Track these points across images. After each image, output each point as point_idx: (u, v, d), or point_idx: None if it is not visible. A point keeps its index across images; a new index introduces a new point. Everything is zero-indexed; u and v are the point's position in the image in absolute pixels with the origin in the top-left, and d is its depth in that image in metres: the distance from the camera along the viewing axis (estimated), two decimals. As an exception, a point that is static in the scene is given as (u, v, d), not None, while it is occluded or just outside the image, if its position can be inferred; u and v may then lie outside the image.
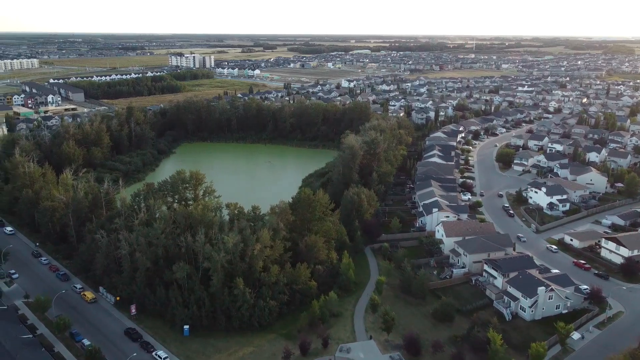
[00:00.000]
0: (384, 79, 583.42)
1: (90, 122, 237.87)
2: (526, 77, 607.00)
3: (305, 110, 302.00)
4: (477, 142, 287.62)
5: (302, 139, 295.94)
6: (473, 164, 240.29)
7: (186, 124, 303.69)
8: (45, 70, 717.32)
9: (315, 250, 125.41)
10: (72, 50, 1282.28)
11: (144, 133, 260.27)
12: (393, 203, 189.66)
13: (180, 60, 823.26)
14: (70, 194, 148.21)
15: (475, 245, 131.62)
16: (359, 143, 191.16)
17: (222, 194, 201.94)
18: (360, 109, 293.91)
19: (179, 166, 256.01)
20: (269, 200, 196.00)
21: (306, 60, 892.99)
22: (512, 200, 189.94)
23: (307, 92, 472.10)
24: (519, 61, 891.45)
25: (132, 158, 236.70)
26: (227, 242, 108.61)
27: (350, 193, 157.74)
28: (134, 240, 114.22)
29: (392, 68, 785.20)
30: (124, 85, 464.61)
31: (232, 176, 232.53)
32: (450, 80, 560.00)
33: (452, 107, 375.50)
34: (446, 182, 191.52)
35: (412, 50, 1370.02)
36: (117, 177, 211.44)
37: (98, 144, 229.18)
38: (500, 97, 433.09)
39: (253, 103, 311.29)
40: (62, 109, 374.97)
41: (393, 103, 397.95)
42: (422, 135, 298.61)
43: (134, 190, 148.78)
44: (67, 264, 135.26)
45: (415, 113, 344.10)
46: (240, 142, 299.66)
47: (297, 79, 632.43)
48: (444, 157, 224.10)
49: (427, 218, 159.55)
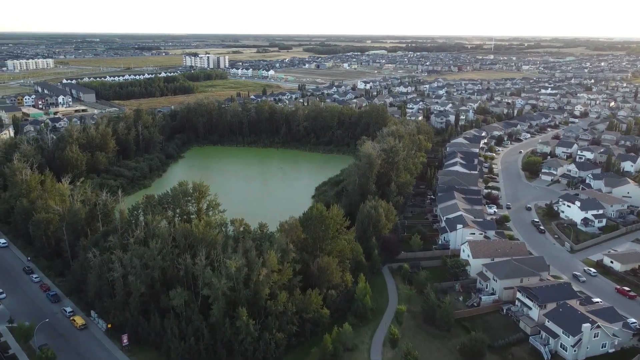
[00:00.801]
0: (401, 80, 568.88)
1: (96, 126, 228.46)
2: (548, 79, 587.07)
3: (320, 113, 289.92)
4: (501, 148, 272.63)
5: (316, 143, 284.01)
6: (497, 173, 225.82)
7: (196, 127, 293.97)
8: (60, 70, 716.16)
9: (328, 273, 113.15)
10: (89, 50, 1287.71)
11: (151, 137, 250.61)
12: (412, 215, 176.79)
13: (195, 60, 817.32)
14: (67, 204, 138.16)
15: (506, 270, 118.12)
16: (377, 151, 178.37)
17: (232, 202, 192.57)
18: (377, 113, 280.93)
19: (187, 172, 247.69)
20: (280, 210, 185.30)
21: (321, 61, 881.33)
22: (542, 214, 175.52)
23: (322, 93, 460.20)
24: (540, 62, 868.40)
25: (139, 163, 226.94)
26: (229, 266, 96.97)
27: (367, 207, 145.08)
28: (127, 261, 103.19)
29: (409, 69, 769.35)
30: (135, 86, 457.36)
31: (243, 183, 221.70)
32: (470, 81, 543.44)
33: (472, 110, 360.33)
34: (470, 193, 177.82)
35: (430, 50, 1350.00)
36: (121, 184, 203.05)
37: (103, 149, 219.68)
38: (523, 100, 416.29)
39: (265, 106, 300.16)
40: (72, 110, 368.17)
41: (411, 106, 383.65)
42: (441, 141, 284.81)
43: (134, 202, 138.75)
44: (60, 283, 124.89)
45: (435, 117, 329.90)
46: (251, 146, 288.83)
47: (312, 79, 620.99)
48: (467, 165, 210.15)
49: (450, 235, 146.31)
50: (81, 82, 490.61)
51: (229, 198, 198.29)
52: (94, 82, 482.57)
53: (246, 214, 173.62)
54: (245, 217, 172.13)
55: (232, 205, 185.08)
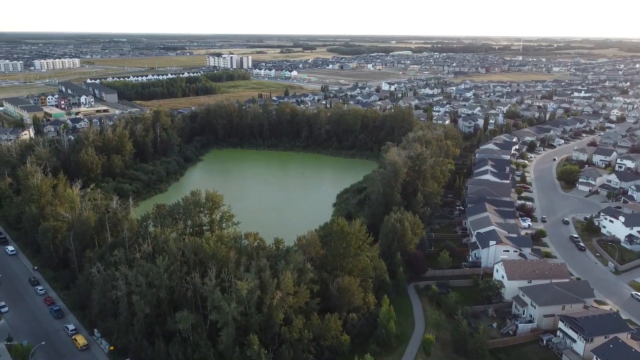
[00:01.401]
0: (427, 82, 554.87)
1: (113, 128, 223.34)
2: (581, 82, 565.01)
3: (343, 116, 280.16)
4: (533, 155, 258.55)
5: (338, 147, 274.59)
6: (530, 182, 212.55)
7: (216, 129, 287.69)
8: (85, 70, 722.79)
9: (349, 294, 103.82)
10: (115, 50, 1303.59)
11: (170, 139, 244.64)
12: (440, 228, 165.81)
13: (218, 60, 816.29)
14: (77, 212, 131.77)
15: (546, 295, 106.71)
16: (402, 158, 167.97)
17: (249, 210, 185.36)
18: (403, 116, 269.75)
19: (205, 175, 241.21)
20: (299, 220, 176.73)
21: (345, 62, 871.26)
22: (581, 229, 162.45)
23: (345, 95, 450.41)
24: (571, 64, 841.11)
25: (156, 167, 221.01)
26: (240, 289, 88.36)
27: (392, 219, 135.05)
28: (132, 279, 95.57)
29: (435, 70, 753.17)
30: (157, 86, 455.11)
31: (261, 188, 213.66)
32: (498, 83, 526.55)
33: (502, 114, 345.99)
34: (502, 205, 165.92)
35: (456, 51, 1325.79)
36: (136, 188, 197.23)
37: (120, 151, 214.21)
38: (555, 103, 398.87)
39: (287, 108, 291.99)
40: (94, 111, 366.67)
41: (437, 108, 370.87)
42: (470, 146, 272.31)
43: (146, 209, 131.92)
44: (65, 296, 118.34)
45: (462, 120, 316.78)
46: (272, 149, 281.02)
47: (336, 80, 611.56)
48: (498, 174, 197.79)
49: (482, 252, 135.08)
50: (104, 82, 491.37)
51: (246, 205, 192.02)
52: (116, 82, 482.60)
53: (263, 225, 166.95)
54: (262, 227, 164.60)
55: (249, 214, 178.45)
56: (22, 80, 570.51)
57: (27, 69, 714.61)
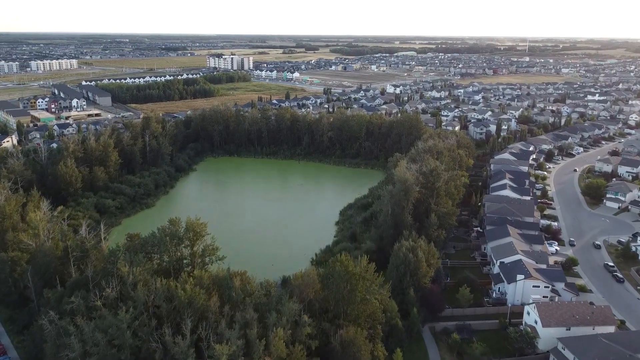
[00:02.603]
0: (433, 84, 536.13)
1: (97, 136, 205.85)
2: (593, 84, 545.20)
3: (346, 122, 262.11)
4: (551, 165, 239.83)
5: (341, 155, 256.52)
6: (552, 197, 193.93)
7: (212, 136, 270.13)
8: (82, 71, 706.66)
9: (354, 349, 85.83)
10: (116, 50, 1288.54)
11: (160, 148, 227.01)
12: (456, 252, 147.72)
13: (218, 61, 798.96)
14: (40, 240, 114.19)
15: (594, 351, 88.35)
16: (413, 173, 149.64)
17: (241, 229, 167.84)
18: (410, 122, 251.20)
19: (197, 188, 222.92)
20: (296, 242, 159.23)
21: (348, 62, 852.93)
22: (615, 254, 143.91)
23: (349, 98, 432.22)
24: (580, 65, 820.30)
25: (143, 178, 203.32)
26: (219, 355, 70.41)
27: (403, 249, 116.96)
28: (89, 335, 77.81)
29: (440, 72, 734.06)
30: (153, 89, 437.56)
31: (257, 202, 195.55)
32: (508, 86, 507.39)
33: (514, 119, 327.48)
34: (526, 227, 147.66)
35: (460, 52, 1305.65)
36: (120, 203, 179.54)
37: (104, 162, 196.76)
38: (569, 107, 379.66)
39: (287, 113, 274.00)
40: (85, 115, 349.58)
41: (445, 113, 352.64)
42: (482, 155, 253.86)
43: (117, 243, 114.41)
44: (20, 343, 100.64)
45: (473, 126, 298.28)
46: (271, 157, 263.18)
47: (339, 82, 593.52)
48: (518, 189, 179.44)
49: (508, 287, 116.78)
50: (99, 84, 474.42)
51: (239, 223, 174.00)
52: (111, 84, 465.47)
53: (256, 251, 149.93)
54: (254, 254, 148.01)
55: (241, 235, 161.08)
56: (16, 82, 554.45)
57: (23, 70, 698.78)
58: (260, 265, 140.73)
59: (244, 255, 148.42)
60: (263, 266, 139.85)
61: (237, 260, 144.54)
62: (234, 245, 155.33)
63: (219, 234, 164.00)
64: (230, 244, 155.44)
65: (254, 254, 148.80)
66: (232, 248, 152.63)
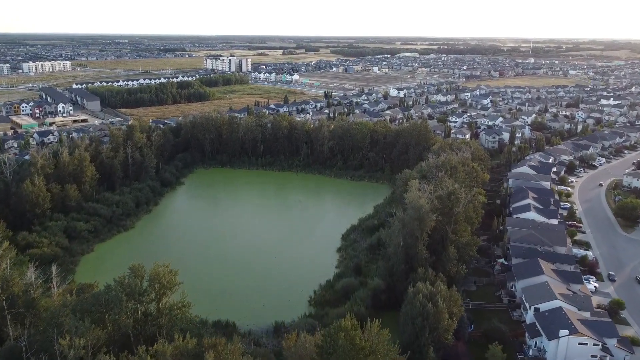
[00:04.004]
0: (438, 87, 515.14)
1: (71, 149, 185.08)
2: (605, 87, 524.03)
3: (348, 131, 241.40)
4: (573, 178, 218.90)
5: (343, 167, 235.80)
6: (579, 217, 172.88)
7: (203, 145, 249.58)
8: (75, 73, 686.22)
9: None
10: (113, 51, 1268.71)
11: (144, 160, 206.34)
12: (477, 289, 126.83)
13: (216, 63, 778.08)
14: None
15: None
16: (427, 196, 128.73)
17: (229, 260, 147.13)
18: (419, 131, 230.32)
19: (182, 205, 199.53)
20: (291, 277, 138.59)
21: (350, 64, 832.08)
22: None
23: (351, 102, 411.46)
24: (587, 67, 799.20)
25: (123, 196, 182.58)
26: None
27: (420, 296, 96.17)
28: None
29: (444, 73, 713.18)
30: (145, 92, 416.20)
31: (250, 223, 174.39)
32: (516, 89, 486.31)
33: (527, 125, 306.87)
34: (560, 260, 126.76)
35: (463, 53, 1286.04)
36: (94, 226, 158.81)
37: (79, 179, 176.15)
38: (583, 112, 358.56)
39: (284, 121, 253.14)
40: (70, 121, 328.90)
41: (453, 119, 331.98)
42: (497, 166, 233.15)
43: (74, 288, 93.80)
44: None
45: (485, 134, 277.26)
46: (266, 168, 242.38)
47: (340, 85, 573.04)
48: (544, 210, 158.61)
49: (549, 344, 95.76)
50: (90, 88, 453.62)
51: (228, 249, 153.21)
52: (101, 87, 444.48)
53: (244, 288, 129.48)
54: (242, 290, 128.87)
55: (229, 265, 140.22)
56: (4, 85, 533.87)
57: (14, 72, 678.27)
58: (249, 306, 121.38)
59: (231, 290, 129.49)
60: (252, 307, 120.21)
61: (222, 299, 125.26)
62: (220, 277, 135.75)
63: (203, 263, 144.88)
64: (217, 275, 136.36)
65: (242, 289, 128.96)
66: (218, 280, 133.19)
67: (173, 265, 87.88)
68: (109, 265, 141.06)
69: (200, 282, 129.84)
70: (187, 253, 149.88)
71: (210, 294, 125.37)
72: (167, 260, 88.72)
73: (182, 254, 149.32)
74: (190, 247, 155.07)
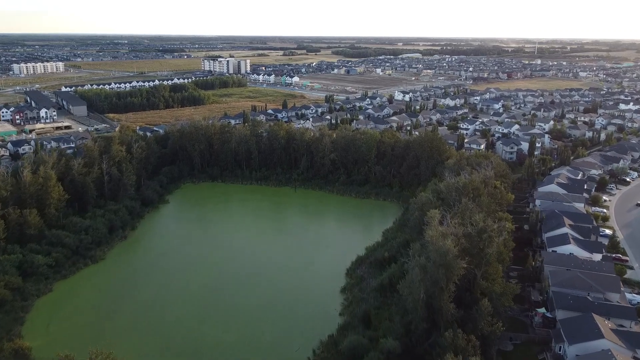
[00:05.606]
0: (445, 90, 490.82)
1: (34, 167, 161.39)
2: (621, 90, 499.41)
3: (352, 141, 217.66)
4: (606, 197, 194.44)
5: (346, 182, 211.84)
6: (622, 247, 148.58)
7: (192, 157, 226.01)
8: (68, 75, 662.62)
9: None
10: (111, 52, 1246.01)
11: (122, 177, 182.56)
12: (514, 347, 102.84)
13: (213, 64, 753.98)
14: None
15: None
16: (452, 232, 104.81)
17: (208, 302, 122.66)
18: (431, 143, 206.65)
19: (163, 230, 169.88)
20: (286, 324, 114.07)
21: (352, 65, 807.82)
22: None
23: (354, 107, 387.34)
24: (597, 68, 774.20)
25: (94, 220, 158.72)
26: None
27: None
28: None
29: (450, 75, 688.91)
30: (135, 96, 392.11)
31: (239, 253, 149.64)
32: (528, 92, 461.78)
33: (546, 134, 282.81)
34: (617, 314, 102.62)
35: (467, 54, 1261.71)
36: (55, 259, 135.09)
37: (43, 201, 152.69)
38: (604, 118, 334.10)
39: (281, 130, 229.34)
40: (53, 128, 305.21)
41: (465, 125, 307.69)
42: (518, 182, 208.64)
43: None
44: None
45: (502, 145, 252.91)
46: (262, 183, 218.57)
47: (342, 87, 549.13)
48: (585, 243, 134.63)
49: None
50: (78, 91, 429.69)
51: (211, 289, 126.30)
52: (89, 90, 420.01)
53: (226, 344, 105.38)
54: (224, 347, 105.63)
55: (210, 311, 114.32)
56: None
57: (4, 73, 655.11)
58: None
59: (210, 343, 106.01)
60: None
61: (202, 356, 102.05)
62: (200, 327, 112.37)
63: (181, 306, 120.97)
64: (196, 324, 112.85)
65: (226, 347, 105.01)
66: (197, 331, 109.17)
67: (147, 308, 64.05)
68: (67, 312, 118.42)
69: (175, 332, 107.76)
70: (163, 291, 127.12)
71: (186, 350, 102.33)
72: (138, 303, 64.84)
73: (158, 292, 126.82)
74: (168, 283, 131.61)
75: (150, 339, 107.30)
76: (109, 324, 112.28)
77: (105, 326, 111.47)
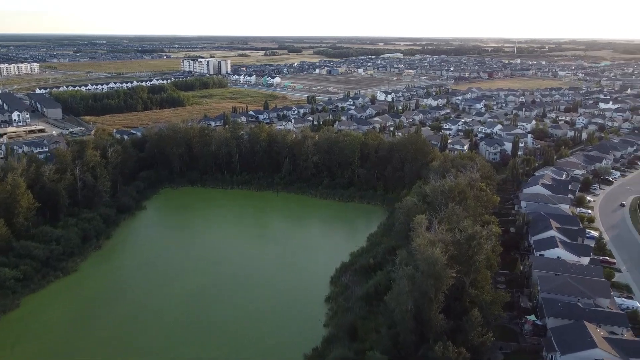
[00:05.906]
0: (427, 90, 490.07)
1: (1, 174, 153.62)
2: (599, 89, 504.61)
3: (335, 144, 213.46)
4: (590, 197, 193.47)
5: (330, 185, 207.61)
6: (609, 249, 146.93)
7: (171, 161, 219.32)
8: (43, 76, 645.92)
9: None
10: (88, 53, 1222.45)
11: (96, 183, 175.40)
12: (504, 356, 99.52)
13: (193, 65, 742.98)
14: None
15: None
16: (440, 239, 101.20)
17: (184, 316, 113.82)
18: (416, 145, 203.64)
19: (140, 236, 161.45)
20: (267, 339, 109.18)
21: (334, 66, 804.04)
22: None
23: (336, 107, 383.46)
24: (575, 67, 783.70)
25: (66, 229, 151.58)
26: None
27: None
28: None
29: (432, 75, 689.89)
30: (112, 98, 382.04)
31: (219, 263, 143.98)
32: (509, 92, 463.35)
33: (528, 134, 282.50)
34: (609, 321, 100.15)
35: (448, 54, 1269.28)
36: (23, 272, 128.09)
37: (11, 210, 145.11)
38: (584, 117, 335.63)
39: (262, 132, 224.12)
40: (25, 131, 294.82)
41: (448, 126, 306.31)
42: (502, 183, 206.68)
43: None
44: None
45: (485, 145, 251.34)
46: (243, 187, 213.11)
47: (324, 88, 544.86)
48: (573, 246, 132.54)
49: None
50: (53, 93, 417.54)
51: (189, 306, 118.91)
52: (64, 92, 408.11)
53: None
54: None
55: (185, 325, 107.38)
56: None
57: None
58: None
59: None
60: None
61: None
62: (175, 344, 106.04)
63: (157, 323, 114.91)
64: (172, 342, 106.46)
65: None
66: (171, 347, 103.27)
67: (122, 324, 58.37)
68: (35, 330, 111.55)
69: (152, 349, 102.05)
70: (139, 305, 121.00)
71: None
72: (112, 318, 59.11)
73: (133, 306, 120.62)
74: (144, 295, 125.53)
75: (126, 358, 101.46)
76: (81, 343, 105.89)
77: (76, 345, 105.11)
